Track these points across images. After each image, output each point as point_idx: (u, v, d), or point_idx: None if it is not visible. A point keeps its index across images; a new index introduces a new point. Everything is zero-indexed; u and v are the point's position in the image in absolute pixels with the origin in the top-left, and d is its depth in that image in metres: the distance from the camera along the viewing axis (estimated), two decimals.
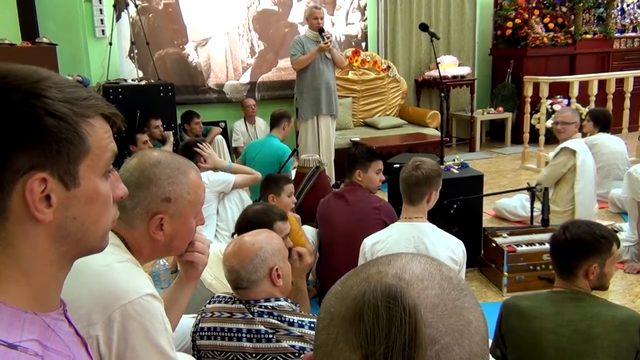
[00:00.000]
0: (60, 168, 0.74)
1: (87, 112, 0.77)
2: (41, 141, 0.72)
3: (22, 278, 0.75)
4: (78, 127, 0.75)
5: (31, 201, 0.72)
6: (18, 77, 0.73)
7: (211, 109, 6.68)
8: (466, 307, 0.58)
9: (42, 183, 0.73)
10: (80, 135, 0.76)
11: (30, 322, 0.74)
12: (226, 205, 3.85)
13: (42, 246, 0.76)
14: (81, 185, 0.77)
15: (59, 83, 0.76)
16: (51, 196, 0.74)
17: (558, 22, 7.62)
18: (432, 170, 2.56)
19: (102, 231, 0.84)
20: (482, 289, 3.58)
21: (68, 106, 0.75)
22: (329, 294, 0.62)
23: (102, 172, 0.81)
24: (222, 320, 1.75)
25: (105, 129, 0.81)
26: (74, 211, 0.77)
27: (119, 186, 0.88)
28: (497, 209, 4.80)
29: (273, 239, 1.84)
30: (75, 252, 0.81)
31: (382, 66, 7.23)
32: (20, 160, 0.71)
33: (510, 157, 7.07)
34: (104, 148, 0.80)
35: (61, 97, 0.74)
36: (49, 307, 0.79)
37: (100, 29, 6.09)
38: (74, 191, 0.76)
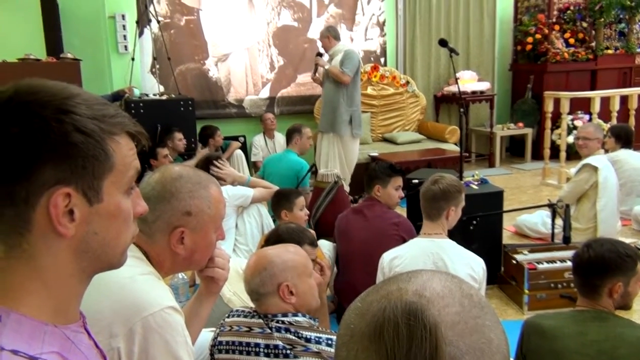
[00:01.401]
0: (84, 183, 0.75)
1: (114, 130, 0.79)
2: (68, 156, 0.73)
3: (44, 291, 0.76)
4: (104, 143, 0.77)
5: (55, 215, 0.73)
6: (49, 93, 0.74)
7: (231, 123, 6.74)
8: (487, 325, 0.57)
9: (66, 198, 0.74)
10: (106, 152, 0.77)
11: (51, 335, 0.74)
12: (245, 219, 3.87)
13: (63, 260, 0.77)
14: (104, 201, 0.78)
15: (88, 100, 0.77)
16: (74, 211, 0.75)
17: (579, 38, 7.57)
18: (451, 185, 2.54)
19: (122, 247, 0.84)
20: (502, 306, 3.53)
21: (96, 123, 0.76)
22: (348, 310, 0.62)
23: (125, 189, 0.82)
24: (240, 334, 1.74)
25: (130, 147, 0.82)
26: (96, 227, 0.78)
27: (139, 203, 0.89)
28: (518, 226, 4.75)
29: (293, 254, 1.82)
30: (95, 267, 0.82)
31: (401, 81, 7.24)
32: (47, 174, 0.72)
33: (530, 173, 7.00)
34: (127, 165, 0.81)
35: (89, 114, 0.76)
36: (69, 319, 0.80)
37: (123, 44, 6.20)
38: (96, 207, 0.77)
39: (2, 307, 0.73)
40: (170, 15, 6.40)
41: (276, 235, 2.40)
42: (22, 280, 0.75)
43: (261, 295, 1.75)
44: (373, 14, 7.31)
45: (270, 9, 6.85)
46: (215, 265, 1.46)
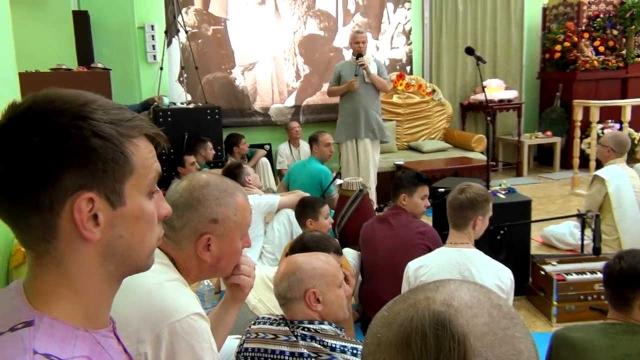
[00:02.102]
0: (106, 187, 0.76)
1: (132, 133, 0.79)
2: (88, 161, 0.74)
3: (74, 296, 0.77)
4: (123, 147, 0.77)
5: (79, 220, 0.74)
6: (65, 101, 0.76)
7: (256, 131, 6.79)
8: (517, 336, 0.57)
9: (90, 203, 0.75)
10: (125, 155, 0.78)
11: (82, 339, 0.75)
12: (274, 227, 3.89)
13: (91, 264, 0.78)
14: (127, 204, 0.79)
15: (104, 105, 0.78)
16: (98, 215, 0.76)
17: (609, 46, 7.44)
18: (478, 194, 2.51)
19: (148, 249, 0.85)
20: (531, 318, 3.47)
21: (113, 127, 0.77)
22: (375, 319, 0.62)
23: (147, 191, 0.82)
24: (266, 341, 1.75)
25: (149, 149, 0.83)
26: (120, 230, 0.79)
27: (163, 205, 0.89)
28: (545, 236, 4.67)
29: (323, 262, 1.81)
30: (123, 271, 0.83)
31: (427, 90, 7.21)
32: (69, 181, 0.73)
33: (559, 182, 6.89)
34: (148, 168, 0.82)
35: (107, 118, 0.76)
36: (99, 324, 0.81)
37: (152, 54, 6.31)
38: (120, 210, 0.78)
39: (36, 311, 0.74)
40: (198, 25, 6.49)
41: (301, 244, 2.40)
42: (52, 287, 0.77)
43: (288, 300, 1.75)
44: (399, 22, 7.30)
45: (297, 19, 6.90)
46: (241, 272, 1.47)
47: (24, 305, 0.75)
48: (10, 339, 0.71)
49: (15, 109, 0.75)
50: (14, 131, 0.73)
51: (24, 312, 0.74)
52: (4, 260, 2.34)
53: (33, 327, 0.72)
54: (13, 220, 0.76)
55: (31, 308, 0.75)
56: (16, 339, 0.70)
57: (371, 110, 5.35)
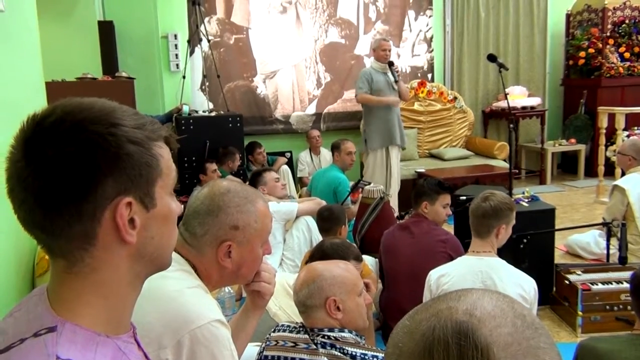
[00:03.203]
0: (141, 191, 0.78)
1: (154, 136, 0.81)
2: (125, 167, 0.76)
3: (102, 302, 0.79)
4: (152, 150, 0.80)
5: (122, 225, 0.76)
6: (94, 110, 0.77)
7: (277, 139, 6.82)
8: (542, 347, 0.56)
9: (128, 207, 0.77)
10: (156, 158, 0.80)
11: (103, 345, 0.76)
12: (294, 234, 3.90)
13: (123, 268, 0.80)
14: (157, 206, 0.81)
15: (126, 112, 0.80)
16: (135, 219, 0.78)
17: (635, 52, 7.33)
18: (502, 202, 2.49)
19: (172, 248, 0.88)
20: (555, 328, 3.42)
21: (141, 132, 0.79)
22: (396, 328, 0.61)
23: (170, 191, 0.85)
24: (285, 349, 1.74)
25: (167, 151, 0.85)
26: (153, 231, 0.81)
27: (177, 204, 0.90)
28: (569, 245, 4.60)
29: (343, 270, 1.81)
30: (148, 271, 0.85)
31: (448, 97, 7.17)
32: (109, 187, 0.75)
33: (583, 190, 6.78)
34: (170, 168, 0.84)
35: (133, 124, 0.78)
36: (121, 329, 0.82)
37: (175, 63, 6.39)
38: (152, 212, 0.81)
39: (59, 317, 0.75)
40: (220, 34, 6.56)
41: (321, 251, 2.40)
42: (80, 294, 0.78)
43: (308, 308, 1.75)
44: (420, 30, 7.29)
45: (318, 27, 6.93)
46: (261, 279, 1.47)
47: (47, 311, 0.76)
48: (34, 345, 0.72)
49: (43, 121, 0.75)
50: (48, 143, 0.73)
51: (47, 318, 0.75)
52: (28, 269, 2.37)
53: (56, 333, 0.73)
54: (48, 230, 0.75)
55: (54, 314, 0.76)
56: (39, 345, 0.72)
57: (400, 117, 5.42)
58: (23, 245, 2.33)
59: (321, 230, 3.54)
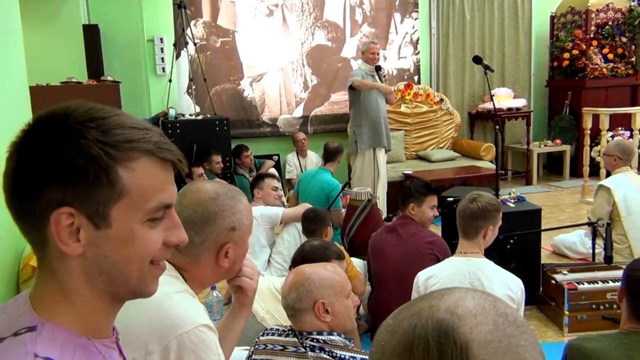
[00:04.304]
0: (88, 207, 0.75)
1: (129, 155, 0.77)
2: (69, 179, 0.74)
3: (68, 304, 0.78)
4: (110, 170, 0.75)
5: (56, 233, 0.75)
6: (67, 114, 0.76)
7: (265, 142, 6.82)
8: (522, 345, 0.56)
9: (70, 217, 0.75)
10: (110, 179, 0.75)
11: (83, 347, 0.76)
12: (284, 238, 3.90)
13: (78, 278, 0.78)
14: (113, 227, 0.77)
15: (108, 124, 0.76)
16: (80, 231, 0.76)
17: (618, 53, 7.42)
18: (489, 204, 2.50)
19: (136, 273, 0.81)
20: (542, 328, 3.44)
21: (104, 148, 0.75)
22: (381, 327, 0.62)
23: (144, 219, 0.79)
24: (274, 352, 1.74)
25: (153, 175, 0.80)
26: (105, 250, 0.77)
27: (175, 233, 0.84)
28: (555, 245, 4.64)
29: (331, 273, 1.81)
30: (116, 292, 0.81)
31: (434, 99, 7.21)
32: (53, 194, 0.74)
33: (569, 190, 6.84)
34: (147, 196, 0.79)
35: (99, 138, 0.75)
36: (101, 334, 0.82)
37: (161, 66, 6.36)
38: (104, 231, 0.76)
39: (39, 317, 0.76)
40: (207, 37, 6.55)
41: (302, 256, 2.41)
42: (50, 293, 0.78)
43: (297, 311, 1.75)
44: (406, 32, 7.32)
45: (305, 30, 6.93)
46: (242, 274, 1.47)
47: (28, 311, 0.77)
48: (13, 343, 0.72)
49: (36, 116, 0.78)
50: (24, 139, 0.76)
51: (27, 317, 0.76)
52: (12, 275, 2.35)
53: (35, 332, 0.73)
54: (18, 224, 0.78)
55: (35, 314, 0.76)
56: (19, 343, 0.72)
57: (387, 119, 5.45)
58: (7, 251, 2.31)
59: (307, 232, 3.53)
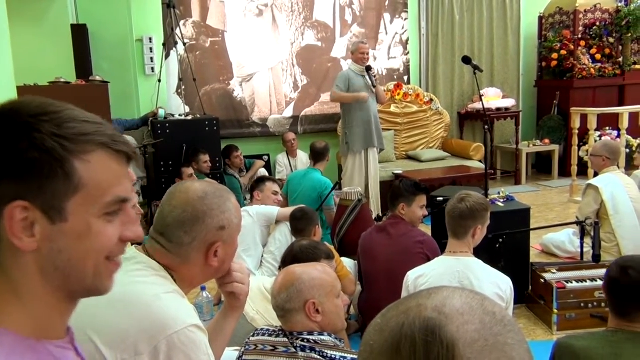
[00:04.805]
0: (44, 201, 0.74)
1: (84, 148, 0.76)
2: (24, 173, 0.73)
3: (20, 305, 0.76)
4: (65, 163, 0.74)
5: (9, 227, 0.73)
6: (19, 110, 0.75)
7: (255, 142, 6.81)
8: (509, 343, 0.56)
9: (24, 211, 0.73)
10: (66, 171, 0.74)
11: (32, 350, 0.74)
12: (276, 237, 3.90)
13: (32, 275, 0.76)
14: (69, 221, 0.75)
15: (62, 118, 0.76)
16: (35, 226, 0.74)
17: (605, 53, 7.48)
18: (478, 203, 2.51)
19: (92, 269, 0.79)
20: (531, 326, 3.46)
21: (59, 141, 0.74)
22: (369, 327, 0.62)
23: (100, 213, 0.78)
24: (265, 353, 1.74)
25: (109, 169, 0.79)
26: (60, 245, 0.76)
27: (131, 228, 0.83)
28: (544, 244, 4.67)
29: (321, 273, 1.81)
30: (71, 288, 0.79)
31: (424, 99, 7.23)
32: (7, 188, 0.72)
33: (557, 190, 6.89)
34: (103, 190, 0.78)
35: (54, 131, 0.74)
36: (54, 335, 0.79)
37: (150, 66, 6.33)
38: (60, 225, 0.75)
39: None
40: (196, 37, 6.52)
41: (292, 256, 2.41)
42: (0, 292, 0.76)
43: (287, 312, 1.75)
44: (396, 32, 7.34)
45: (294, 30, 6.93)
46: (234, 280, 1.47)
47: None
48: None
49: None
50: None
51: None
52: None
53: None
54: None
55: None
56: None
57: (378, 119, 5.47)
58: None
59: (295, 231, 3.53)
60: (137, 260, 1.29)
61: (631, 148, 6.33)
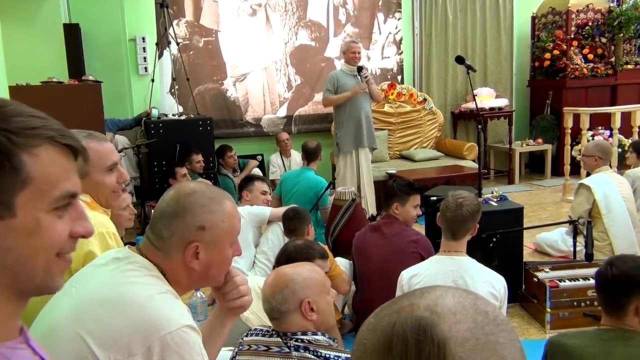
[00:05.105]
0: None
1: (31, 142, 0.74)
2: None
3: None
4: (13, 156, 0.72)
5: None
6: None
7: (248, 142, 6.80)
8: (501, 342, 0.56)
9: None
10: (14, 165, 0.72)
11: None
12: (269, 237, 3.89)
13: None
14: (18, 217, 0.73)
15: (7, 112, 0.74)
16: None
17: (598, 53, 7.52)
18: (475, 205, 2.53)
19: (42, 266, 0.77)
20: (524, 325, 3.47)
21: (5, 134, 0.72)
22: (362, 326, 0.62)
23: (50, 208, 0.76)
24: (258, 353, 1.74)
25: (56, 163, 0.77)
26: (9, 242, 0.73)
27: (81, 224, 0.82)
28: (537, 243, 4.69)
29: (311, 272, 1.83)
30: (21, 287, 0.77)
31: (418, 99, 7.24)
32: None
33: (550, 189, 6.92)
34: (52, 184, 0.76)
35: (0, 125, 0.72)
36: (6, 336, 0.76)
37: (143, 66, 6.31)
38: (8, 222, 0.73)
39: None
40: (189, 37, 6.51)
41: (285, 255, 2.41)
42: None
43: (282, 313, 1.74)
44: (390, 32, 7.35)
45: (288, 29, 6.93)
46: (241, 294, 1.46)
47: None
48: None
49: None
50: None
51: None
52: None
53: None
54: None
55: None
56: None
57: (370, 118, 5.46)
58: None
59: (288, 231, 3.51)
60: (130, 260, 1.28)
61: (623, 147, 6.36)
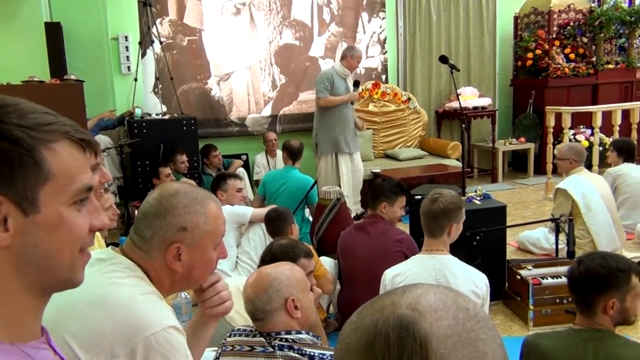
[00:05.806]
0: (16, 192, 0.72)
1: (49, 137, 0.75)
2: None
3: None
4: (34, 151, 0.73)
5: None
6: None
7: (233, 141, 6.77)
8: (482, 338, 0.57)
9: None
10: (36, 160, 0.73)
11: (6, 354, 0.71)
12: (250, 237, 3.88)
13: (5, 273, 0.74)
14: (42, 212, 0.74)
15: (23, 109, 0.75)
16: (8, 220, 0.72)
17: (579, 53, 7.61)
18: (451, 202, 2.53)
19: (68, 262, 0.78)
20: (507, 322, 3.51)
21: (25, 130, 0.73)
22: (345, 324, 0.63)
23: (70, 202, 0.77)
24: (242, 354, 1.74)
25: (74, 157, 0.78)
26: (34, 238, 0.74)
27: (98, 217, 0.83)
28: (520, 241, 4.73)
29: (291, 271, 1.83)
30: (46, 283, 0.78)
31: (402, 98, 7.27)
32: None
33: (533, 187, 6.99)
34: (71, 178, 0.77)
35: (19, 122, 0.73)
36: (28, 336, 0.77)
37: (126, 65, 6.26)
38: (33, 217, 0.73)
39: None
40: (173, 35, 6.47)
41: (270, 255, 2.41)
42: None
43: (267, 313, 1.74)
44: (374, 31, 7.37)
45: (272, 28, 6.91)
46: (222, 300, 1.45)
47: None
48: None
49: None
50: None
51: None
52: None
53: None
54: None
55: None
56: None
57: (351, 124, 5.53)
58: None
59: (272, 232, 3.47)
60: (113, 261, 1.27)
61: (604, 146, 6.45)
